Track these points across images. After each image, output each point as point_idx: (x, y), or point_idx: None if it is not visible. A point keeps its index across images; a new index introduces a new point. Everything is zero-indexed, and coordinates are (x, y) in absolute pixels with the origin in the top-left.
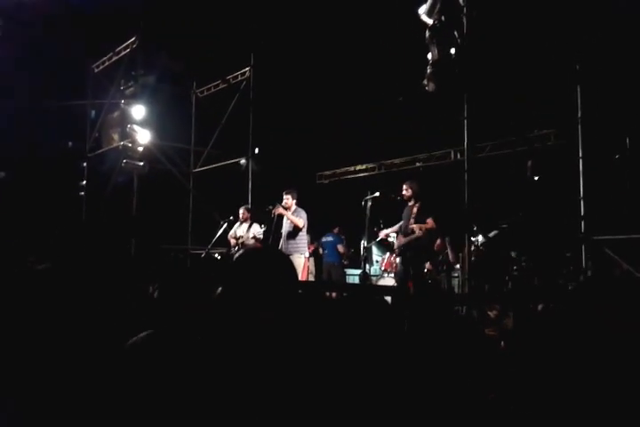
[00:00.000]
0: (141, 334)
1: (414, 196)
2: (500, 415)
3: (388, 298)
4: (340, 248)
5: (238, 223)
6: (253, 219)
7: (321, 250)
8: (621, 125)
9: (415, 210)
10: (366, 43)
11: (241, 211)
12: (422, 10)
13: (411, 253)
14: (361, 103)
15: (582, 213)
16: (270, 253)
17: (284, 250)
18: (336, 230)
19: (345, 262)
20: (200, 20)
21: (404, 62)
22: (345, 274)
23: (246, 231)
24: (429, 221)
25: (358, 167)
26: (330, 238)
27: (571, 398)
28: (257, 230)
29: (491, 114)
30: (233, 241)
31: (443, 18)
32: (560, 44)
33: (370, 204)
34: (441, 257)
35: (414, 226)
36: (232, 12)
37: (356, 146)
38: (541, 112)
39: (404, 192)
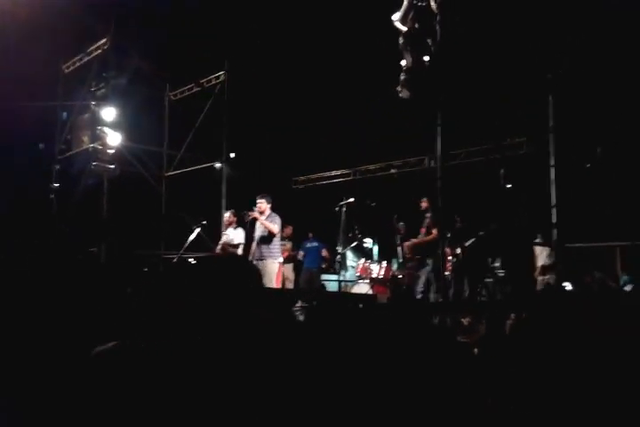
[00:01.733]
0: (107, 345)
1: (429, 208)
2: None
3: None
4: (325, 253)
5: (225, 228)
6: (239, 223)
7: (300, 255)
8: (592, 134)
9: (427, 221)
10: (340, 49)
11: (226, 215)
12: (396, 17)
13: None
14: (335, 109)
15: (554, 221)
16: (230, 260)
17: (256, 255)
18: (310, 236)
19: (323, 267)
20: (174, 22)
21: (378, 69)
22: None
23: (228, 236)
24: (434, 231)
25: (333, 173)
26: (315, 244)
27: (544, 404)
28: (240, 235)
29: (464, 121)
30: (219, 247)
31: (416, 25)
32: (532, 53)
33: (344, 209)
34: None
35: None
36: (207, 15)
37: (330, 151)
38: (514, 120)
39: (422, 204)
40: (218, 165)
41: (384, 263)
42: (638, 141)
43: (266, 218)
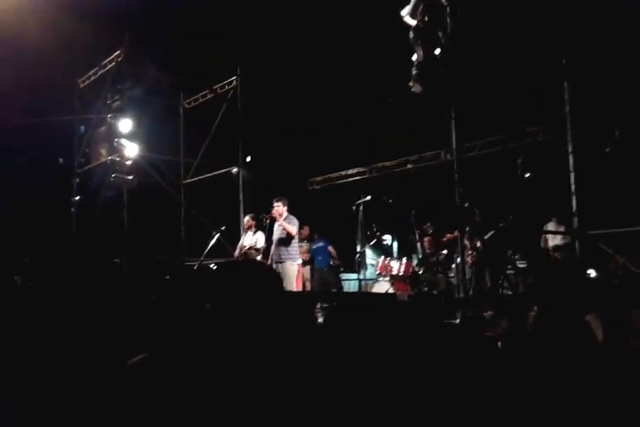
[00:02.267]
0: (137, 357)
1: None
2: (498, 417)
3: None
4: (332, 249)
5: (244, 233)
6: (259, 227)
7: (305, 257)
8: (609, 118)
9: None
10: (352, 46)
11: (246, 219)
12: (405, 11)
13: None
14: (349, 107)
15: (574, 209)
16: (248, 264)
17: (274, 258)
18: (316, 237)
19: (332, 264)
20: (185, 30)
21: (390, 64)
22: (339, 279)
23: (249, 240)
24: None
25: (349, 171)
26: (320, 244)
27: (566, 398)
28: (260, 238)
29: (479, 113)
30: (237, 251)
31: (426, 18)
32: (545, 39)
33: (362, 208)
34: (436, 258)
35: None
36: (217, 22)
37: (346, 150)
38: (529, 109)
39: None
40: (234, 169)
41: (404, 260)
42: None
43: (283, 220)
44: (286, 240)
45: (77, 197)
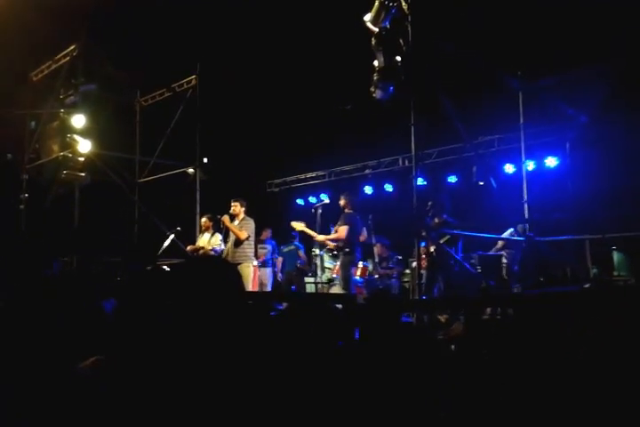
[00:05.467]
0: (89, 360)
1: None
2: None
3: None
4: (301, 253)
5: (200, 233)
6: (216, 228)
7: (280, 259)
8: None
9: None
10: (313, 50)
11: (202, 220)
12: (368, 17)
13: None
14: (310, 110)
15: (526, 217)
16: (214, 262)
17: (230, 259)
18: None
19: (299, 267)
20: (143, 26)
21: (351, 69)
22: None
23: (207, 242)
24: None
25: (308, 175)
26: (292, 247)
27: (523, 402)
28: (217, 241)
29: (437, 120)
30: (190, 251)
31: (388, 25)
32: (502, 50)
33: (320, 211)
34: (391, 262)
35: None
36: (177, 19)
37: (305, 153)
38: (486, 118)
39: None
40: (191, 170)
41: (360, 264)
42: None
43: (239, 221)
44: (240, 242)
45: (26, 194)
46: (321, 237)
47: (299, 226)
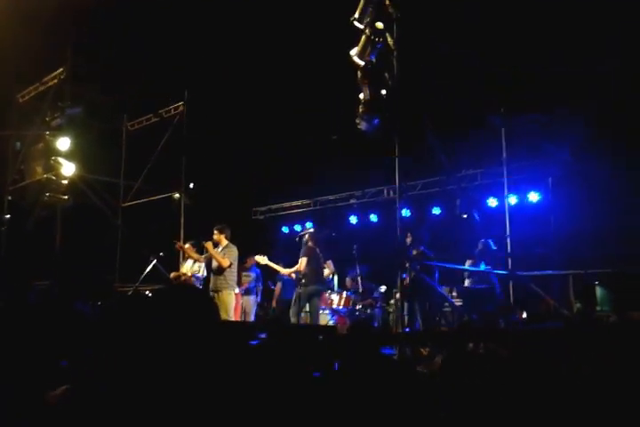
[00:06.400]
0: (59, 389)
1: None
2: None
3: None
4: None
5: (183, 260)
6: (199, 254)
7: (278, 286)
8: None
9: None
10: (300, 82)
11: (186, 246)
12: (354, 51)
13: None
14: (296, 140)
15: (509, 251)
16: (184, 290)
17: (211, 287)
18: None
19: None
20: (132, 51)
21: (337, 101)
22: None
23: (190, 268)
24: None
25: (293, 203)
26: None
27: None
28: (197, 268)
29: (422, 153)
30: (173, 277)
31: (373, 59)
32: (487, 86)
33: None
34: (376, 292)
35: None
36: (166, 47)
37: (291, 182)
38: (470, 152)
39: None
40: (176, 195)
41: (344, 293)
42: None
43: (222, 249)
44: (222, 269)
45: (8, 216)
46: (284, 271)
47: (262, 260)
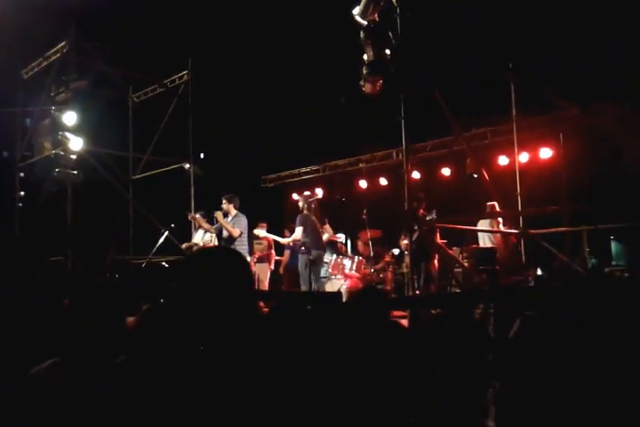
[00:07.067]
0: (46, 363)
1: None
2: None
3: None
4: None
5: (195, 230)
6: (211, 224)
7: (286, 254)
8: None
9: None
10: (304, 45)
11: (197, 216)
12: (356, 11)
13: None
14: (302, 105)
15: (519, 208)
16: (225, 251)
17: None
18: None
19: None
20: (134, 22)
21: (341, 63)
22: None
23: (201, 238)
24: None
25: (302, 170)
26: None
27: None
28: (208, 238)
29: (429, 113)
30: (185, 248)
31: (377, 18)
32: (493, 42)
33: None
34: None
35: None
36: (169, 14)
37: (299, 148)
38: (477, 110)
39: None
40: (186, 165)
41: (357, 258)
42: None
43: (232, 219)
44: (231, 239)
45: (22, 193)
46: (283, 240)
47: (260, 233)
